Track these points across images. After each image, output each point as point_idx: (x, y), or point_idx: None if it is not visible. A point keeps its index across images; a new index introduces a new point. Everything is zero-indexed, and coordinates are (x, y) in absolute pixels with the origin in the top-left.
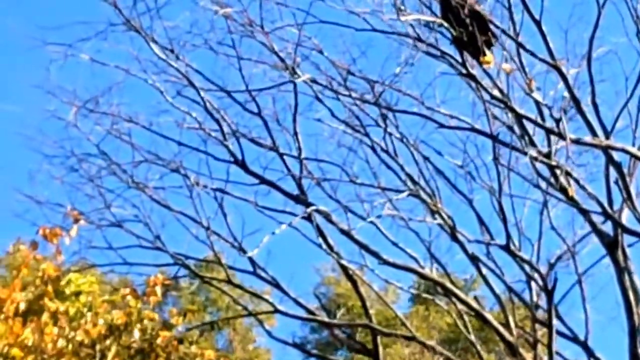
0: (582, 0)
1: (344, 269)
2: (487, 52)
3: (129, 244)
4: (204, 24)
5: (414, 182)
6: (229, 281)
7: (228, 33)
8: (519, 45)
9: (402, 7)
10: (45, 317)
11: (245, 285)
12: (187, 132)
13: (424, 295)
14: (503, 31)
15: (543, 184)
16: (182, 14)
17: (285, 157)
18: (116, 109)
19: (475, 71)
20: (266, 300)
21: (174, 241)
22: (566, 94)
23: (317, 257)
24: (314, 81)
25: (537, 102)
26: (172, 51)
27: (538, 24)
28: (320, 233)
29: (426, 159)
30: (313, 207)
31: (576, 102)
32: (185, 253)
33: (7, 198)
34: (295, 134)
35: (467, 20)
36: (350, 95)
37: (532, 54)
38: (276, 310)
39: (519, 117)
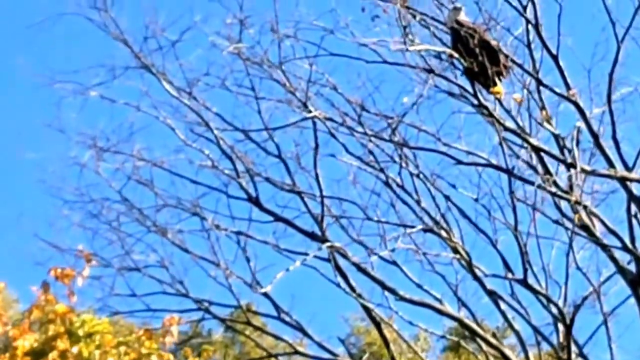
0: (604, 39)
1: (366, 310)
2: (498, 82)
3: (151, 290)
4: (216, 59)
5: (431, 218)
6: (248, 323)
7: (244, 73)
8: (533, 77)
9: (412, 38)
10: (54, 354)
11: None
12: (201, 170)
13: (450, 337)
14: (520, 66)
15: (569, 225)
16: (195, 51)
17: (302, 194)
18: (135, 152)
19: (497, 109)
20: (285, 341)
21: (198, 286)
22: (579, 123)
23: (344, 304)
24: (328, 119)
25: (554, 135)
26: (188, 93)
27: (555, 58)
28: (340, 272)
29: (447, 198)
30: (328, 244)
31: (595, 136)
32: (209, 299)
33: (29, 245)
34: (316, 174)
35: (477, 51)
36: (365, 133)
37: (549, 88)
38: (296, 352)
39: (534, 149)
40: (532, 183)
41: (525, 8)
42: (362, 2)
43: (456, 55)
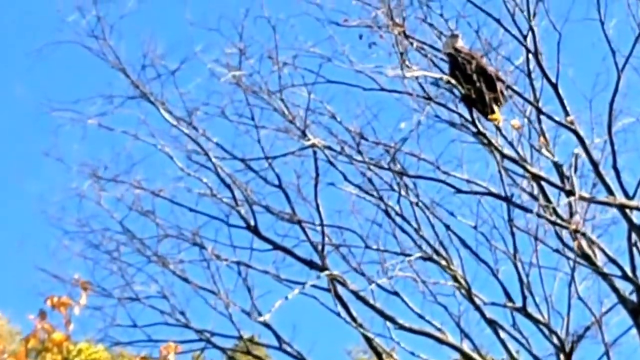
0: (605, 69)
1: (368, 340)
2: (496, 109)
3: (153, 321)
4: (215, 87)
5: (430, 246)
6: (249, 353)
7: (243, 102)
8: (533, 105)
9: (409, 65)
10: None
11: None
12: (201, 199)
13: None
14: (519, 94)
15: (570, 255)
16: (194, 80)
17: (302, 223)
18: (135, 182)
19: (499, 138)
20: None
21: (200, 316)
22: (577, 150)
23: (346, 334)
24: (327, 147)
25: (553, 163)
26: (187, 122)
27: (555, 86)
28: (341, 301)
29: (447, 227)
30: (327, 272)
31: (594, 165)
32: (211, 329)
33: (30, 276)
34: (317, 204)
35: (475, 78)
36: (364, 161)
37: (548, 116)
38: None
39: (534, 177)
40: (531, 211)
41: (525, 37)
42: (359, 29)
43: (453, 82)
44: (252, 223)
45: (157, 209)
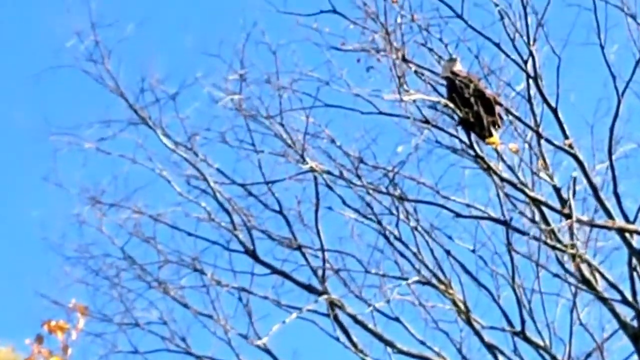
0: (606, 95)
1: None
2: (494, 132)
3: (153, 347)
4: (213, 111)
5: (429, 270)
6: None
7: (242, 126)
8: (532, 129)
9: (407, 88)
10: None
11: None
12: (199, 223)
13: None
14: (518, 118)
15: (571, 280)
16: (192, 104)
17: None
18: (135, 207)
19: (500, 162)
20: None
21: (200, 342)
22: (575, 174)
23: None
24: (326, 172)
25: (553, 186)
26: (186, 147)
27: (554, 111)
28: (340, 326)
29: (447, 252)
30: (325, 296)
31: (594, 189)
32: (212, 355)
33: (31, 303)
34: (317, 230)
35: (473, 101)
36: (363, 185)
37: (547, 140)
38: None
39: (532, 200)
40: (528, 234)
41: (525, 62)
42: (357, 53)
43: (451, 105)
44: (250, 247)
45: (156, 234)
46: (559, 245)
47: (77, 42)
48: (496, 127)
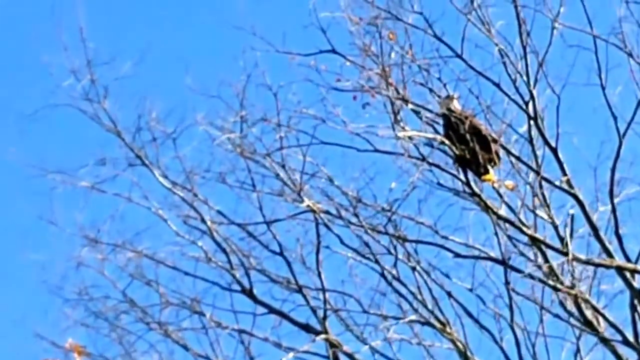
0: (608, 137)
1: None
2: (490, 169)
3: None
4: (210, 149)
5: (428, 310)
6: None
7: (239, 165)
8: (531, 169)
9: (403, 125)
10: None
11: None
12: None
13: None
14: (517, 157)
15: (575, 322)
16: (189, 143)
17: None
18: (133, 249)
19: (502, 203)
20: None
21: None
22: (572, 211)
23: None
24: (325, 211)
25: (552, 223)
26: (183, 187)
27: (554, 151)
28: None
29: (449, 294)
30: (322, 336)
31: (594, 228)
32: None
33: (31, 345)
34: (319, 272)
35: (469, 137)
36: (361, 225)
37: (546, 180)
38: None
39: (531, 238)
40: (530, 277)
41: (527, 103)
42: (354, 91)
43: (447, 142)
44: (248, 287)
45: (155, 274)
46: (559, 286)
47: (73, 81)
48: (493, 164)
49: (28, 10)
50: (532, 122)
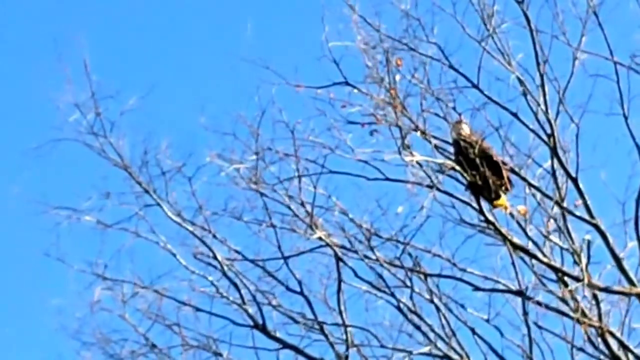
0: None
1: None
2: (502, 195)
3: None
4: (219, 181)
5: (445, 343)
6: None
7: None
8: (546, 196)
9: (411, 151)
10: None
11: None
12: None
13: None
14: (537, 187)
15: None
16: (198, 177)
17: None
18: (151, 288)
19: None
20: None
21: None
22: (587, 237)
23: None
24: (342, 247)
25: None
26: (193, 223)
27: (574, 181)
28: None
29: (473, 330)
30: None
31: (617, 259)
32: None
33: None
34: (340, 310)
35: (479, 162)
36: (376, 259)
37: (569, 212)
38: None
39: (548, 267)
40: (554, 310)
41: (549, 137)
42: (362, 118)
43: (458, 168)
44: (259, 322)
45: (170, 314)
46: (583, 319)
47: (78, 115)
48: (504, 190)
49: (31, 44)
50: (551, 152)
